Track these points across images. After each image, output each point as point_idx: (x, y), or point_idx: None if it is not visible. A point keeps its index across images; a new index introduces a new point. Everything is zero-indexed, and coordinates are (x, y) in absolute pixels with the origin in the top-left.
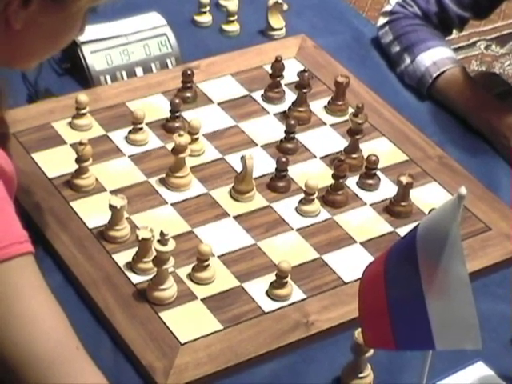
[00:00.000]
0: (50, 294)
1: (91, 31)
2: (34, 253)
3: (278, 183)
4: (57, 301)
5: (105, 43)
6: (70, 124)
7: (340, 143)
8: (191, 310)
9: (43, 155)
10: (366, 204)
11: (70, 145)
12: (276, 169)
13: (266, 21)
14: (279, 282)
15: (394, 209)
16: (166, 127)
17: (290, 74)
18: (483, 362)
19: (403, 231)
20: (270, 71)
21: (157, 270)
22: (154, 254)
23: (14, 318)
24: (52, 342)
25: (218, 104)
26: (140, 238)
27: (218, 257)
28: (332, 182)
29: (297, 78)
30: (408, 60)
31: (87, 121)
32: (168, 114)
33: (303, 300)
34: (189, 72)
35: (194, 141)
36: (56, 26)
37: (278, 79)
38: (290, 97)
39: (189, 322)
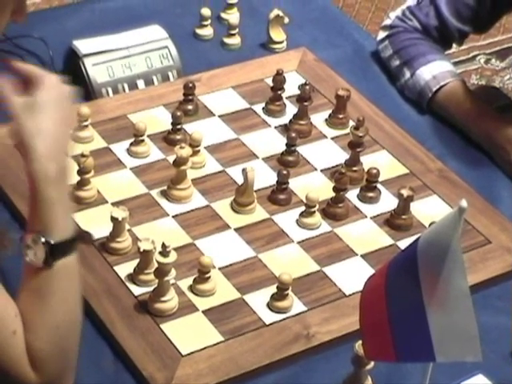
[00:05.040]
0: None
1: (93, 44)
2: None
3: (278, 196)
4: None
5: (107, 56)
6: (72, 136)
7: (341, 156)
8: (192, 322)
9: None
10: (366, 217)
11: (72, 157)
12: (277, 181)
13: (267, 34)
14: (280, 294)
15: (395, 221)
16: (167, 140)
17: (291, 87)
18: (483, 374)
19: (404, 244)
20: (271, 84)
21: (158, 282)
22: (156, 265)
23: None
24: None
25: (220, 117)
26: (141, 250)
27: (219, 269)
28: (333, 194)
29: (298, 91)
30: (408, 74)
31: (89, 133)
32: (169, 127)
33: (304, 312)
34: (190, 85)
35: (195, 153)
36: None
37: (279, 92)
38: (291, 110)
39: (190, 333)
